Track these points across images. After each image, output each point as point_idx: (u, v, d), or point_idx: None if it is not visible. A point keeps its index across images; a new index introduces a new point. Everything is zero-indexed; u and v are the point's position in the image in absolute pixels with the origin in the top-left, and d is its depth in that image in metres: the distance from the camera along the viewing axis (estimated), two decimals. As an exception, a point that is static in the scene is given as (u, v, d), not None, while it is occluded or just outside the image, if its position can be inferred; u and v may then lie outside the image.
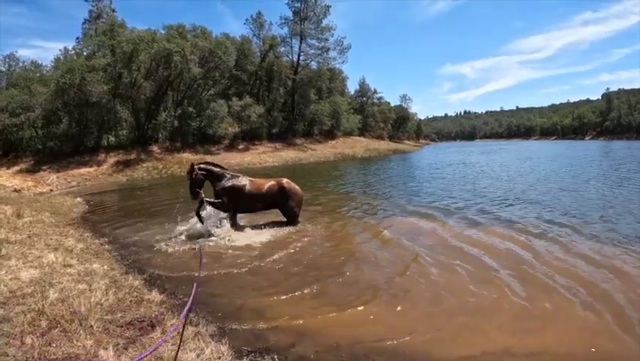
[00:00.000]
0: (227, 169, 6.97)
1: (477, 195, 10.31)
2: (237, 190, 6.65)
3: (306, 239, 6.06)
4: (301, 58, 39.27)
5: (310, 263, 4.98)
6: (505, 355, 2.89)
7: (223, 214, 6.78)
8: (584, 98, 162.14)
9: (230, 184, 6.65)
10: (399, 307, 3.68)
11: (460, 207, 8.71)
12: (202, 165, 6.73)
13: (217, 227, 6.51)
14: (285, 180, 7.00)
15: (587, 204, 8.65)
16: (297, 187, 7.05)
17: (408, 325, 3.34)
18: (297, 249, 5.59)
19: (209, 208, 6.46)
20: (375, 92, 56.17)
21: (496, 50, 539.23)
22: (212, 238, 6.09)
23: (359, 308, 3.67)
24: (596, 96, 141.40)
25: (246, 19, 39.95)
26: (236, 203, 6.68)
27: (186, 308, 2.01)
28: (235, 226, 6.65)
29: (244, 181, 6.79)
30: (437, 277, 4.41)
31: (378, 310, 3.63)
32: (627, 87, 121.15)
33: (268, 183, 6.89)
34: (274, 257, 5.19)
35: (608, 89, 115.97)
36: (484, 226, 6.81)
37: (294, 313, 3.56)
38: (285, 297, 3.95)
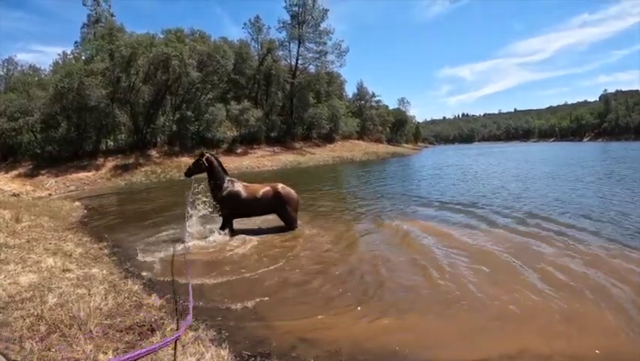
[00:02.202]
0: (227, 173, 6.97)
1: (480, 195, 10.26)
2: (232, 197, 6.64)
3: (306, 243, 6.04)
4: (299, 61, 39.43)
5: (312, 267, 4.96)
6: (516, 358, 2.86)
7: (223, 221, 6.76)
8: (581, 99, 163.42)
9: (225, 193, 6.64)
10: (405, 312, 3.64)
11: (465, 206, 8.73)
12: (211, 157, 6.79)
13: (216, 232, 6.49)
14: (280, 185, 6.93)
15: (602, 205, 8.34)
16: (292, 192, 6.99)
17: (415, 329, 3.31)
18: (297, 253, 5.58)
19: (195, 218, 6.57)
20: (373, 95, 56.33)
21: (494, 53, 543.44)
22: (212, 243, 6.08)
23: (362, 312, 3.63)
24: (593, 98, 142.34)
25: (244, 23, 40.22)
26: (231, 209, 6.66)
27: (189, 315, 2.01)
28: (233, 231, 6.62)
29: (238, 187, 6.77)
30: (443, 279, 4.37)
31: (382, 315, 3.57)
32: (625, 88, 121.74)
33: (263, 189, 6.83)
34: (273, 261, 5.17)
35: (605, 90, 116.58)
36: (494, 226, 6.81)
37: (295, 318, 3.54)
38: (285, 301, 3.93)
